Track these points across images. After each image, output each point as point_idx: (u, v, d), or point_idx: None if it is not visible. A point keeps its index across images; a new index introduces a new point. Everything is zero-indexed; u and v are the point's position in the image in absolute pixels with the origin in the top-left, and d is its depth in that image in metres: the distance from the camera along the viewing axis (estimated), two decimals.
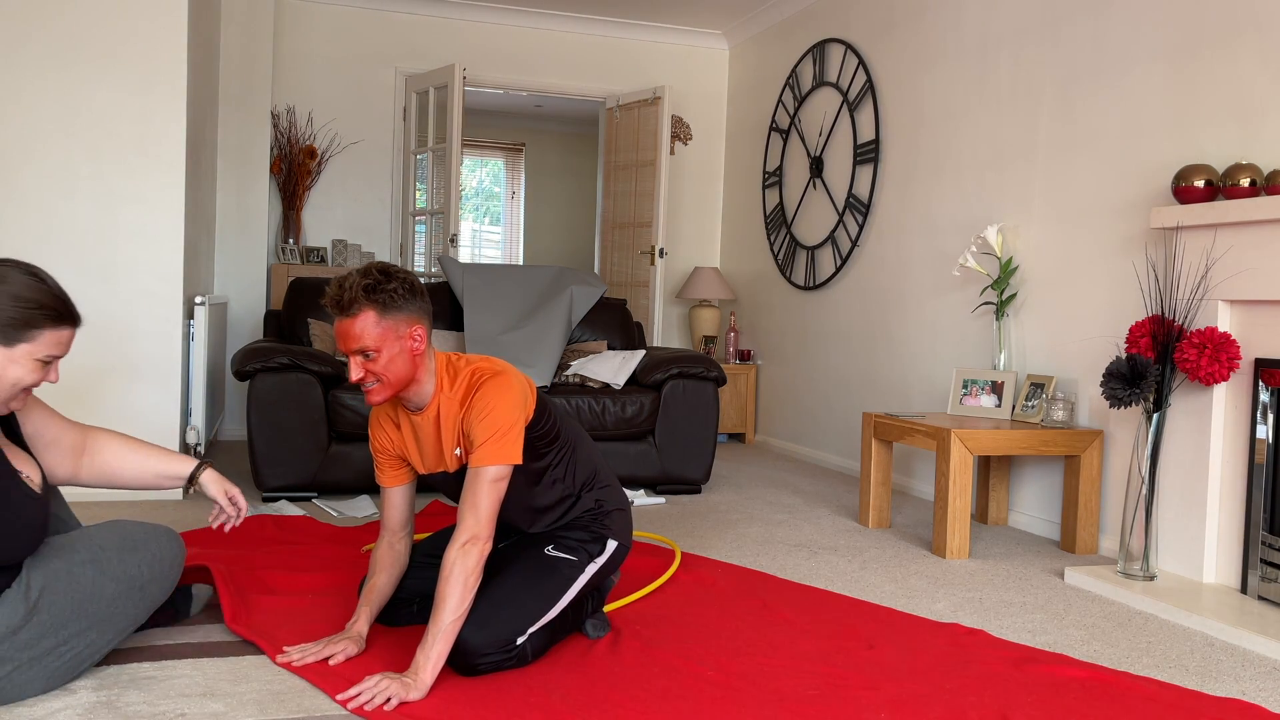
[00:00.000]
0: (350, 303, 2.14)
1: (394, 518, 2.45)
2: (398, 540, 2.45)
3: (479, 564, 2.14)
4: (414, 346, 2.20)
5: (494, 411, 2.21)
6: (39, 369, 1.96)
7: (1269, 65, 3.15)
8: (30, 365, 1.94)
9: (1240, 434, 3.15)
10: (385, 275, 2.17)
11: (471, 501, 2.17)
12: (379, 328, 2.15)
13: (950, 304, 4.65)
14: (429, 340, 2.26)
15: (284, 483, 4.04)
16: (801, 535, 3.83)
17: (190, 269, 4.25)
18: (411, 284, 2.21)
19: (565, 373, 4.71)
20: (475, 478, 2.19)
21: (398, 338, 2.17)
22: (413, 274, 2.24)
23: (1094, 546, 3.68)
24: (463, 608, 2.11)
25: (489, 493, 2.18)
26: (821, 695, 2.19)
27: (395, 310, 2.16)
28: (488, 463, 2.19)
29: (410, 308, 2.19)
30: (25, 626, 1.96)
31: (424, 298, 2.24)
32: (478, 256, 11.31)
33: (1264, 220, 2.98)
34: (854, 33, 5.54)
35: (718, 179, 7.23)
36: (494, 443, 2.19)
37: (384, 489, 2.45)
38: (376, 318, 2.15)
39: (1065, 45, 3.99)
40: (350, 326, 2.15)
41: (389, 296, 2.15)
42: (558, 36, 6.83)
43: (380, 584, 2.40)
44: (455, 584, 2.10)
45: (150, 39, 3.92)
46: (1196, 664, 2.55)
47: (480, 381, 2.26)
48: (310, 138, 6.31)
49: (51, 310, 1.95)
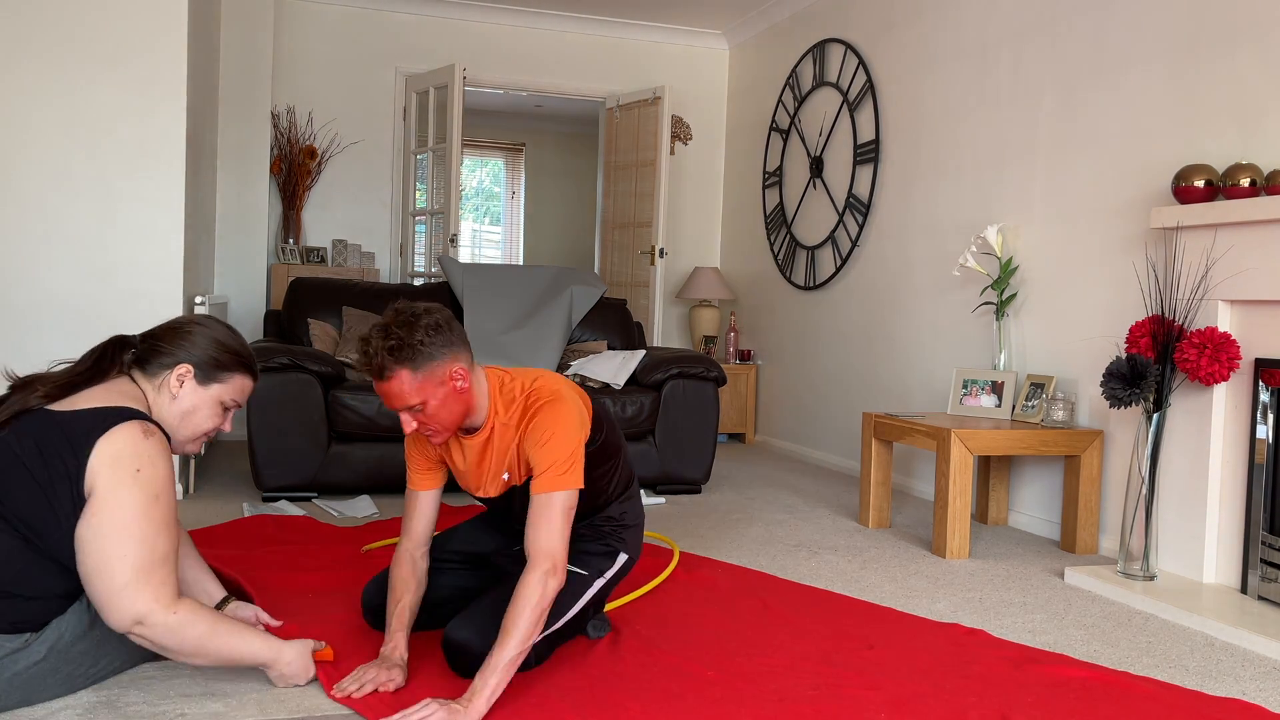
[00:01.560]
0: (380, 368, 2.07)
1: (419, 526, 2.35)
2: (420, 555, 2.35)
3: (554, 597, 2.08)
4: (458, 386, 2.13)
5: (555, 437, 2.14)
6: (220, 414, 2.13)
7: (1269, 65, 3.15)
8: (215, 409, 2.12)
9: (1240, 434, 3.15)
10: (408, 327, 2.07)
11: (546, 533, 2.10)
12: (416, 383, 2.08)
13: (950, 304, 4.65)
14: (472, 367, 2.19)
15: (284, 483, 4.04)
16: (801, 535, 3.82)
17: (190, 269, 4.25)
18: (437, 324, 2.10)
19: (565, 373, 4.71)
20: (546, 506, 2.11)
21: (439, 384, 2.10)
22: (435, 309, 2.15)
23: (1094, 546, 3.68)
24: (530, 641, 2.02)
25: (562, 522, 2.11)
26: (821, 695, 2.19)
27: (428, 360, 2.08)
28: (555, 489, 2.12)
29: (443, 351, 2.10)
30: (82, 639, 2.00)
31: (452, 331, 2.14)
32: (478, 256, 11.31)
33: (1264, 220, 2.98)
34: (854, 33, 5.54)
35: (718, 179, 7.23)
36: (558, 469, 2.13)
37: (412, 493, 2.35)
38: (411, 375, 2.07)
39: (1065, 45, 3.99)
40: (388, 389, 2.09)
41: (416, 351, 2.06)
42: (558, 36, 6.83)
43: (409, 604, 2.28)
44: (527, 615, 2.01)
45: (150, 39, 3.92)
46: (1196, 664, 2.55)
47: (537, 406, 2.19)
48: (310, 138, 6.31)
49: (244, 359, 2.16)
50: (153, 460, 1.91)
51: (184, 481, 4.13)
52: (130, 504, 1.86)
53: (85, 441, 1.87)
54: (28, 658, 1.92)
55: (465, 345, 2.17)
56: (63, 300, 3.87)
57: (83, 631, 2.00)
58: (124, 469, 1.87)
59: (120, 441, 1.89)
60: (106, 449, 1.87)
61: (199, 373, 2.08)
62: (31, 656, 1.93)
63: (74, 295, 3.89)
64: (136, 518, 1.86)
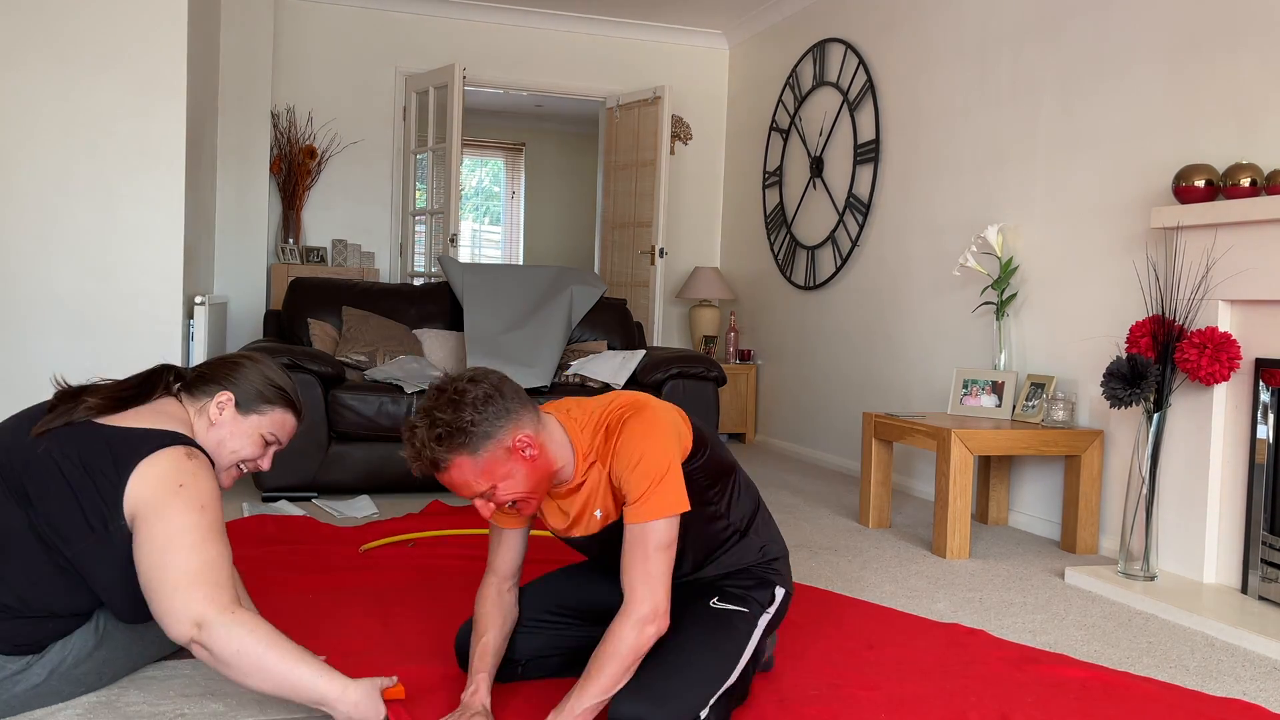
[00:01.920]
0: (434, 462, 1.82)
1: (506, 562, 2.09)
2: (507, 590, 2.10)
3: (650, 645, 1.84)
4: (529, 455, 1.85)
5: (648, 455, 1.87)
6: (260, 446, 2.11)
7: (1269, 65, 3.15)
8: (254, 439, 2.10)
9: (1240, 434, 3.15)
10: (453, 407, 1.80)
11: (643, 570, 1.83)
12: (479, 468, 1.82)
13: (950, 304, 4.65)
14: (539, 426, 1.91)
15: (284, 483, 4.04)
16: (801, 535, 3.82)
17: (190, 269, 4.25)
18: (486, 395, 1.83)
19: (565, 373, 4.71)
20: (641, 539, 1.84)
21: (505, 462, 1.83)
22: (480, 377, 1.87)
23: (1094, 546, 3.68)
24: (615, 689, 1.81)
25: (661, 557, 1.84)
26: (821, 695, 2.18)
27: (484, 440, 1.81)
28: (652, 517, 1.84)
29: (499, 425, 1.82)
30: (86, 661, 2.00)
31: (504, 397, 1.85)
32: (478, 256, 11.31)
33: (1264, 220, 2.98)
34: (854, 32, 5.54)
35: (718, 179, 7.23)
36: (654, 493, 1.85)
37: (497, 529, 2.09)
38: (471, 461, 1.81)
39: (1065, 45, 3.99)
40: (450, 481, 1.84)
41: (469, 434, 1.80)
42: (558, 36, 6.83)
43: (493, 643, 2.03)
44: (618, 661, 1.79)
45: (150, 39, 3.92)
46: (1197, 664, 2.55)
47: (622, 423, 1.92)
48: (310, 137, 6.31)
49: (289, 395, 2.15)
50: (195, 475, 1.90)
51: None
52: (177, 516, 1.85)
53: (129, 461, 1.87)
54: (27, 680, 1.92)
55: (525, 406, 1.89)
56: (63, 300, 3.87)
57: (88, 653, 1.99)
58: (167, 486, 1.86)
59: (164, 463, 1.88)
60: (150, 470, 1.87)
61: (241, 402, 2.08)
62: (31, 680, 1.92)
63: (74, 295, 3.89)
64: (186, 528, 1.84)
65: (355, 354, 4.55)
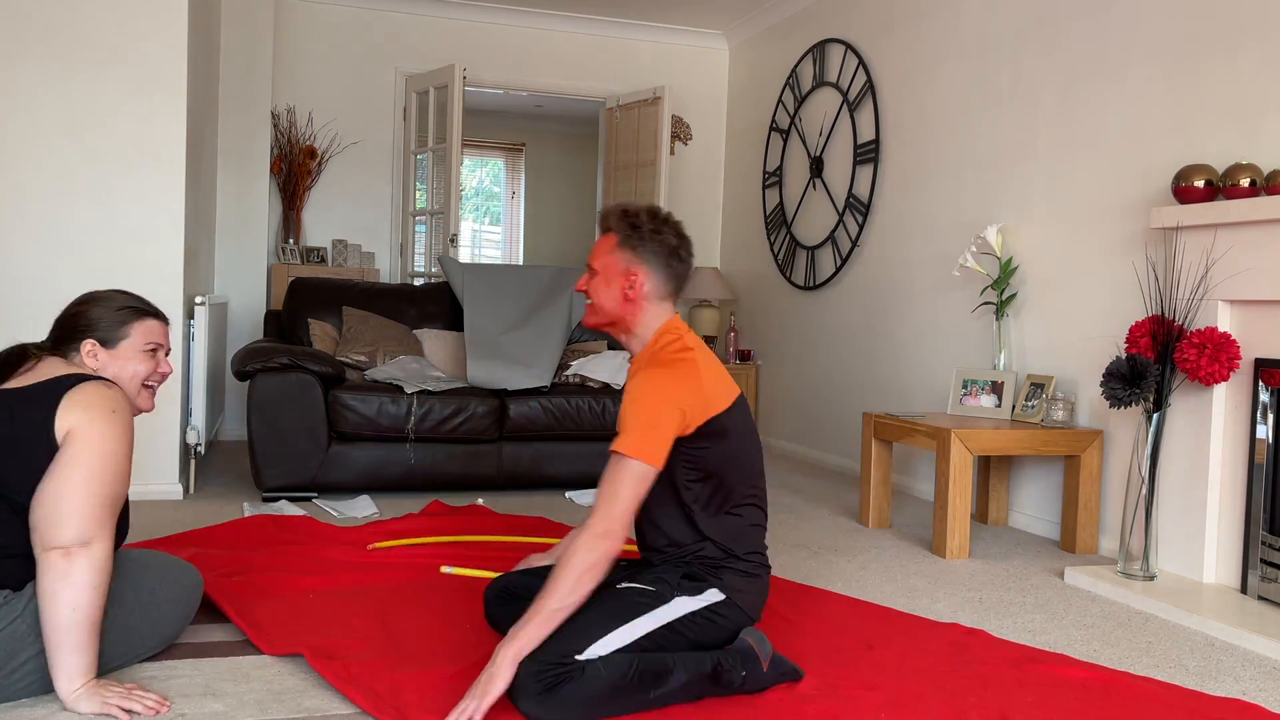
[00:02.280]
0: (605, 215, 2.26)
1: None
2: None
3: (603, 562, 1.95)
4: (626, 289, 2.21)
5: (645, 397, 2.06)
6: (147, 359, 2.21)
7: (1268, 65, 3.15)
8: (137, 358, 2.19)
9: (1240, 434, 3.15)
10: (655, 219, 2.22)
11: (609, 492, 1.99)
12: (607, 249, 2.24)
13: (950, 304, 4.65)
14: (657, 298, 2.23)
15: (284, 483, 4.04)
16: (801, 535, 3.83)
17: (190, 269, 4.25)
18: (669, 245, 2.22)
19: (565, 373, 4.71)
20: (616, 466, 2.01)
21: (615, 272, 2.22)
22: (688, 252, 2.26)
23: (1094, 546, 3.69)
24: (569, 600, 1.92)
25: (629, 487, 2.00)
26: (821, 695, 2.18)
27: (629, 248, 2.21)
28: (628, 452, 2.00)
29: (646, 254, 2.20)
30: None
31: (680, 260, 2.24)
32: (478, 256, 11.31)
33: (1264, 220, 2.98)
34: (854, 33, 5.54)
35: (718, 179, 7.23)
36: (635, 431, 2.02)
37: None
38: (612, 242, 2.24)
39: (1065, 46, 3.99)
40: (599, 240, 2.28)
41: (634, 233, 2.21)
42: (558, 36, 6.83)
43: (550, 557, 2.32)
44: (570, 573, 1.92)
45: (150, 39, 3.92)
46: (1196, 664, 2.55)
47: (661, 357, 2.17)
48: (310, 138, 6.31)
49: (138, 307, 2.24)
50: (123, 405, 2.05)
51: (184, 481, 4.13)
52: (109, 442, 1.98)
53: (51, 398, 1.99)
54: (8, 614, 1.96)
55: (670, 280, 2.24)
56: (63, 300, 3.87)
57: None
58: (101, 411, 1.99)
59: (89, 391, 2.02)
60: (78, 397, 2.00)
61: (105, 340, 2.18)
62: (10, 614, 1.97)
63: (74, 295, 3.89)
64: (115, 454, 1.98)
65: (355, 354, 4.55)
